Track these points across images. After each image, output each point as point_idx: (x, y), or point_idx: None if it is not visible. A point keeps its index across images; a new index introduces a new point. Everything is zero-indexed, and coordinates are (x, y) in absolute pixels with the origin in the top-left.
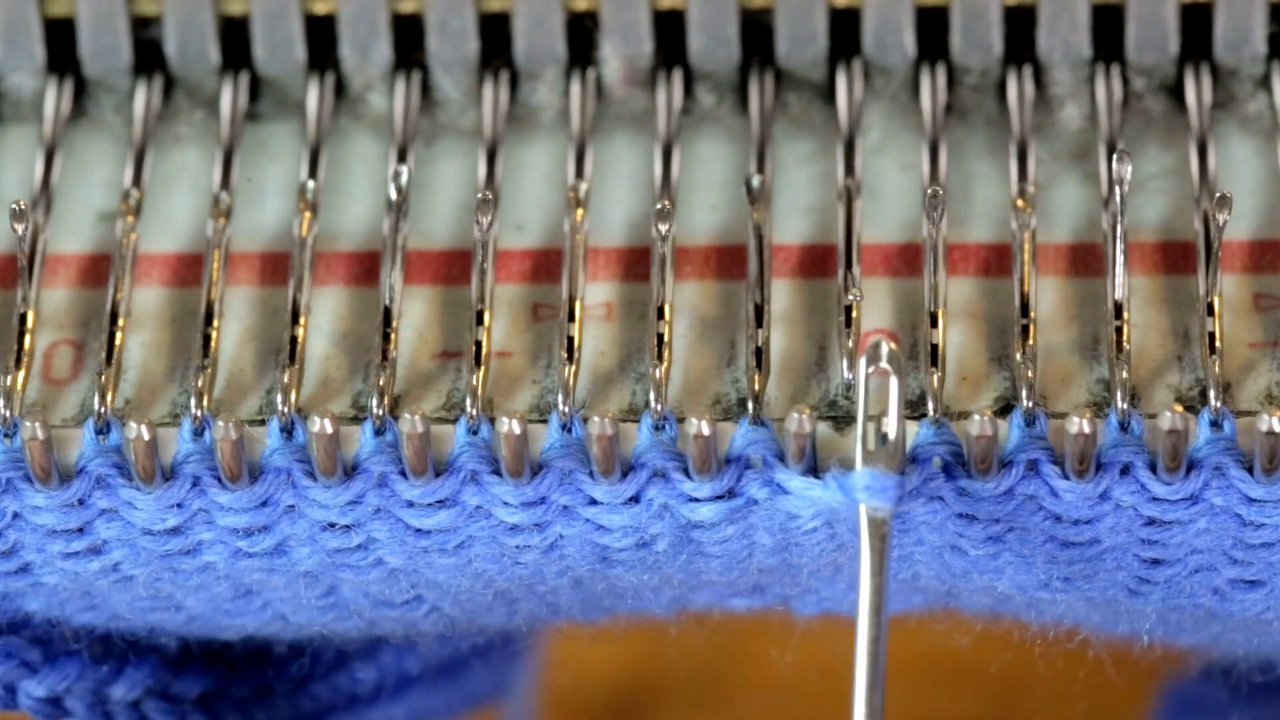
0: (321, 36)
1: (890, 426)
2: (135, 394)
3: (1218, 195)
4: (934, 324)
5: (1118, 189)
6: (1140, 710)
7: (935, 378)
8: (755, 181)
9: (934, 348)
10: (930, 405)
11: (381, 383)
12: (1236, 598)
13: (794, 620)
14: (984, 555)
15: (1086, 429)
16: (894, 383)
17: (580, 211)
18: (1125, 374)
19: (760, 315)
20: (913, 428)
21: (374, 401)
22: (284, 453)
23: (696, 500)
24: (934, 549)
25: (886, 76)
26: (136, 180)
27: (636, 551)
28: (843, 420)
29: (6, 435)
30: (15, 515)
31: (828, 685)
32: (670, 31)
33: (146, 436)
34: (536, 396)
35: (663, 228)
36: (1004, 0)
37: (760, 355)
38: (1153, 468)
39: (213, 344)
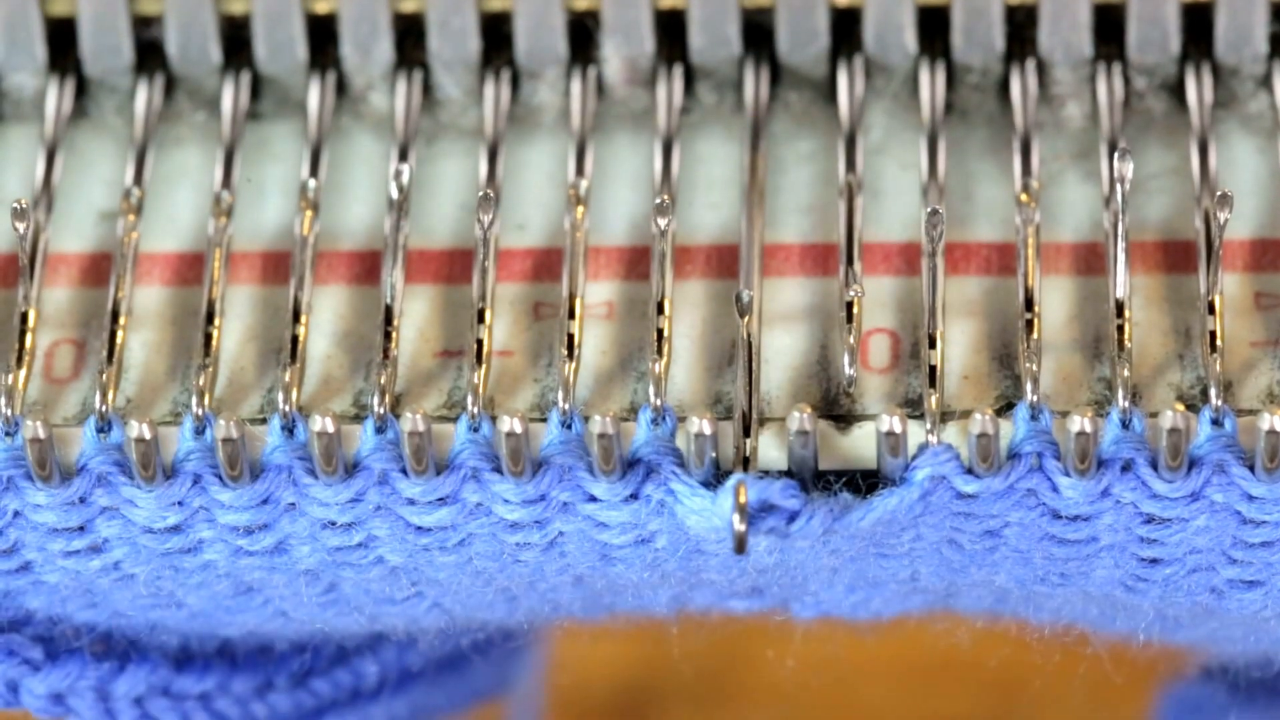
0: (322, 36)
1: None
2: (136, 393)
3: (1219, 194)
4: (931, 345)
5: (1119, 188)
6: (1138, 707)
7: (934, 399)
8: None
9: (932, 369)
10: (929, 425)
11: (382, 381)
12: (1234, 596)
13: (793, 622)
14: (981, 550)
15: (1088, 428)
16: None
17: (581, 210)
18: (1127, 372)
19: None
20: (914, 430)
21: (375, 400)
22: (285, 451)
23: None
24: (932, 544)
25: (888, 75)
26: (138, 179)
27: (636, 548)
28: (844, 419)
29: (8, 434)
30: (16, 513)
31: (827, 686)
32: (671, 30)
33: (148, 435)
34: (537, 395)
35: (662, 222)
36: None
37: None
38: (1154, 465)
39: (214, 343)
